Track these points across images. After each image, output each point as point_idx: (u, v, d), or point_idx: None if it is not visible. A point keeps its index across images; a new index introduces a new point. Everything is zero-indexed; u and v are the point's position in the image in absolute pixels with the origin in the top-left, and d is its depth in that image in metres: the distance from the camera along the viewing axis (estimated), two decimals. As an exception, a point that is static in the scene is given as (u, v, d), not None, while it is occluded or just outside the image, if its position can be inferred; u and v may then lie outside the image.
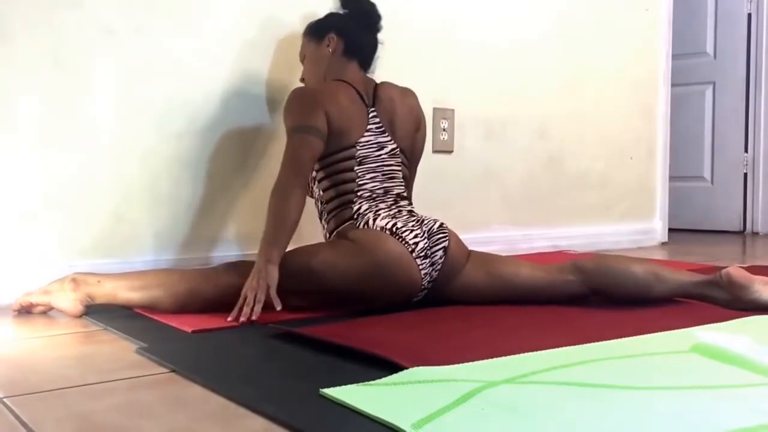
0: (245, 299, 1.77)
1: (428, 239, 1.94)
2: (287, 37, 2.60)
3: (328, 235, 2.09)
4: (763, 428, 1.04)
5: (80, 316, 1.92)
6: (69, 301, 1.91)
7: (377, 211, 1.99)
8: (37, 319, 1.91)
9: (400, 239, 1.91)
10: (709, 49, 4.59)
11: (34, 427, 1.13)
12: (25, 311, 1.96)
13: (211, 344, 1.63)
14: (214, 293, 1.87)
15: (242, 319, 1.74)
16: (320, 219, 2.14)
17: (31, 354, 1.59)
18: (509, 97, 3.28)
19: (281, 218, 1.87)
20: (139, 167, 2.33)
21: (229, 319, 1.76)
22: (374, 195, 2.03)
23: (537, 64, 3.37)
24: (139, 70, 2.32)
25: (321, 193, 2.10)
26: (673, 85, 3.95)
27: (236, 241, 2.51)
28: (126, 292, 1.90)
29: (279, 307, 1.78)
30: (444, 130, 3.04)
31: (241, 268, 1.90)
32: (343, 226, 2.02)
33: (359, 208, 2.01)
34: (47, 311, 1.98)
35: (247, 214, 2.53)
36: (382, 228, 1.94)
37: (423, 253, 1.91)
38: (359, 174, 2.04)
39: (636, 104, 3.76)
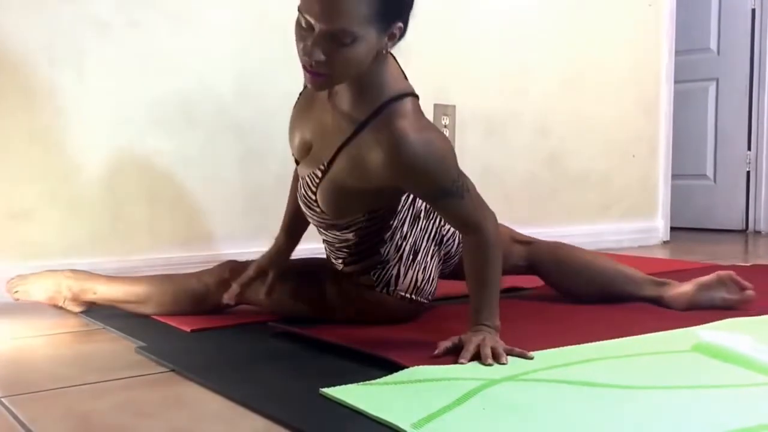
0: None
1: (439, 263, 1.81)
2: (285, 32, 2.58)
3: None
4: (764, 428, 1.04)
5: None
6: (48, 298, 1.89)
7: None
8: (36, 318, 1.90)
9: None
10: (713, 45, 4.55)
11: (33, 426, 1.12)
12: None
13: (211, 343, 1.62)
14: (202, 292, 1.83)
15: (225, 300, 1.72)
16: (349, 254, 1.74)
17: (29, 353, 1.59)
18: (510, 94, 3.28)
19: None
20: (135, 165, 2.33)
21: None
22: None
23: (539, 60, 3.36)
24: (134, 65, 2.31)
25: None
26: (675, 81, 3.92)
27: (234, 239, 2.51)
28: (117, 299, 1.88)
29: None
30: (445, 126, 3.04)
31: (227, 266, 1.84)
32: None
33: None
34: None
35: (244, 212, 2.53)
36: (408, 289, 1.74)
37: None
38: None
39: (638, 101, 3.75)
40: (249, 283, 1.72)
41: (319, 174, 1.54)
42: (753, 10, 4.39)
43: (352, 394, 1.20)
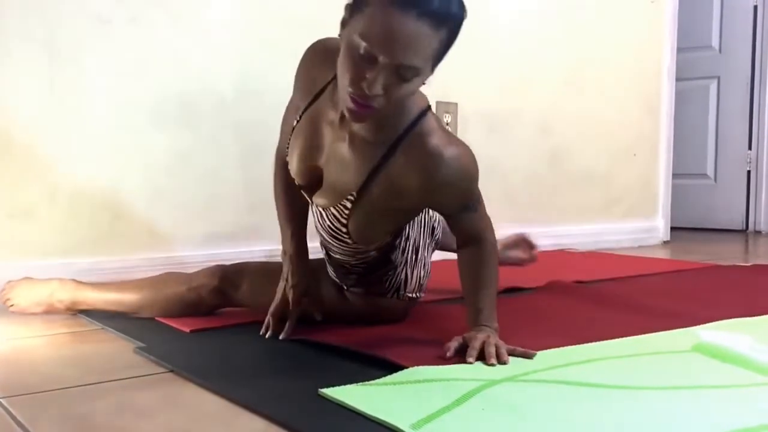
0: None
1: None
2: (287, 28, 2.59)
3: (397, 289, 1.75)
4: (765, 428, 1.04)
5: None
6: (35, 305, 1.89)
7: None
8: (35, 319, 1.90)
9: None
10: (714, 42, 4.52)
11: (31, 427, 1.12)
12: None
13: (209, 344, 1.62)
14: (194, 300, 1.80)
15: (267, 335, 1.64)
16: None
17: (28, 354, 1.58)
18: (512, 92, 3.27)
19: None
20: (135, 163, 2.33)
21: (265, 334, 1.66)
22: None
23: (541, 58, 3.36)
24: (134, 61, 2.31)
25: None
26: (676, 79, 3.89)
27: (234, 238, 2.51)
28: (109, 310, 1.87)
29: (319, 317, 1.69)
30: (447, 124, 3.04)
31: (215, 272, 1.80)
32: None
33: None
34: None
35: (244, 210, 2.53)
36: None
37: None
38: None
39: (639, 99, 3.74)
40: (301, 315, 1.67)
41: (349, 205, 1.48)
42: (755, 7, 4.36)
43: (351, 394, 1.19)
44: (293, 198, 1.68)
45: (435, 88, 2.92)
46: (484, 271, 1.54)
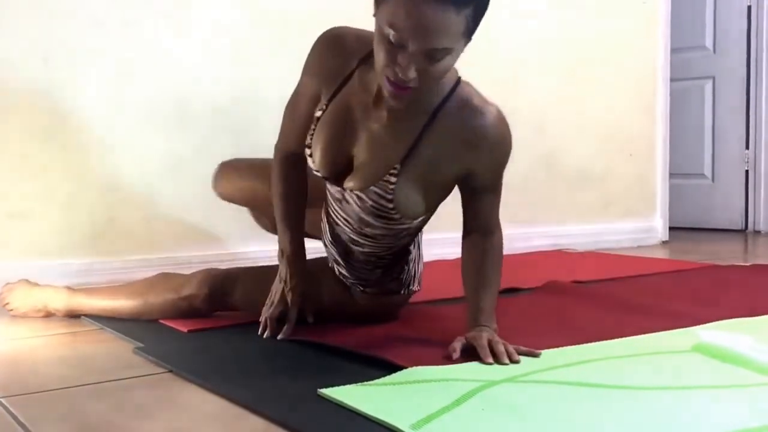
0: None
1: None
2: (281, 32, 2.58)
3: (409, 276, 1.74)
4: (766, 429, 1.04)
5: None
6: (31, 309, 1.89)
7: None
8: (35, 319, 1.90)
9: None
10: (708, 42, 4.52)
11: (32, 427, 1.12)
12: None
13: (209, 344, 1.62)
14: (186, 308, 1.78)
15: (266, 335, 1.62)
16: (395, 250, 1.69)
17: (28, 354, 1.58)
18: (507, 92, 3.26)
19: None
20: (131, 164, 2.33)
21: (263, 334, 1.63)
22: None
23: (535, 60, 3.35)
24: (129, 64, 2.31)
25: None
26: (671, 79, 3.89)
27: (230, 238, 2.51)
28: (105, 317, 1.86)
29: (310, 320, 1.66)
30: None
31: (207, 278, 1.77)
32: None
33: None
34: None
35: (240, 211, 2.52)
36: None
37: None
38: None
39: (635, 99, 3.74)
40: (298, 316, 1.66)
41: (393, 179, 1.47)
42: (749, 7, 4.35)
43: (350, 394, 1.19)
44: (294, 197, 1.68)
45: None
46: (489, 267, 1.54)
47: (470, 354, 1.41)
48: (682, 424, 1.07)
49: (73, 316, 1.88)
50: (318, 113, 1.55)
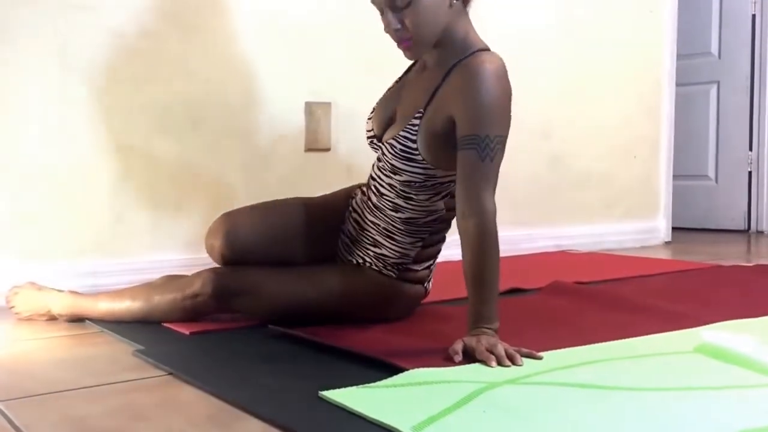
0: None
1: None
2: (292, 38, 2.59)
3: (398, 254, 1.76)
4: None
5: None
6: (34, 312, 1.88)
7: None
8: (33, 322, 1.89)
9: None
10: (714, 49, 4.61)
11: (28, 431, 1.11)
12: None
13: (209, 346, 1.61)
14: (188, 308, 1.77)
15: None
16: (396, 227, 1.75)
17: (26, 357, 1.58)
18: (514, 98, 3.25)
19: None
20: (139, 167, 2.32)
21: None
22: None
23: (541, 65, 3.35)
24: (141, 70, 2.31)
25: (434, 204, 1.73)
26: (677, 84, 3.94)
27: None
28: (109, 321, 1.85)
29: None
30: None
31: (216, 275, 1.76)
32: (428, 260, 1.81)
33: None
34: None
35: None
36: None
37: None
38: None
39: (640, 104, 3.74)
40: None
41: (417, 121, 1.63)
42: (753, 16, 4.46)
43: (351, 397, 1.18)
44: None
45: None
46: (483, 263, 1.49)
47: (471, 356, 1.40)
48: (684, 425, 1.07)
49: (77, 320, 1.88)
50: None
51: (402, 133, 1.64)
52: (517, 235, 3.23)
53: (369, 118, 1.80)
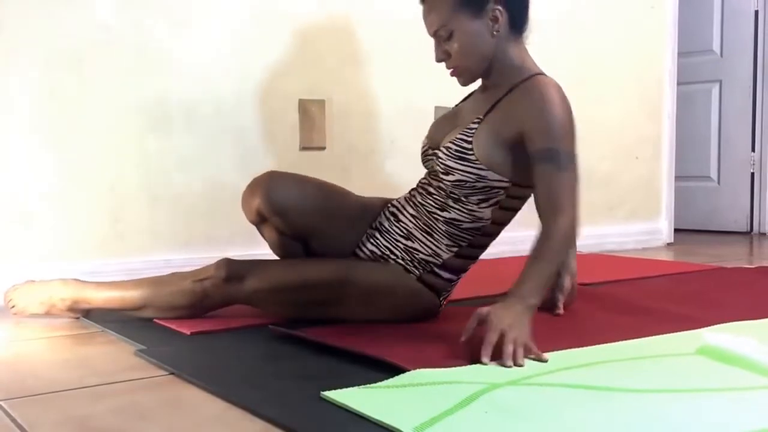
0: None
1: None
2: (286, 35, 2.58)
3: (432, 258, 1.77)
4: (772, 432, 1.03)
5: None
6: (38, 306, 1.88)
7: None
8: (35, 321, 1.89)
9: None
10: (716, 47, 4.54)
11: (31, 430, 1.11)
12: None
13: (211, 346, 1.61)
14: (198, 294, 1.79)
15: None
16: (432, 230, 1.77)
17: (28, 356, 1.58)
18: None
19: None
20: (136, 166, 2.32)
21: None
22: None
23: (542, 63, 3.33)
24: (135, 67, 2.31)
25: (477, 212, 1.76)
26: (678, 83, 3.90)
27: (234, 240, 2.50)
28: (113, 308, 1.86)
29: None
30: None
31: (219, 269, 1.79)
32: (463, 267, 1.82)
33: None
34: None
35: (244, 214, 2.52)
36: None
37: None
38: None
39: (641, 103, 3.74)
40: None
41: (475, 126, 1.70)
42: (756, 12, 4.38)
43: (353, 397, 1.18)
44: None
45: (434, 92, 2.95)
46: (547, 242, 1.57)
47: (478, 345, 1.40)
48: (686, 427, 1.06)
49: (76, 311, 1.87)
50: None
51: (459, 135, 1.70)
52: (519, 236, 3.22)
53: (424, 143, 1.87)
